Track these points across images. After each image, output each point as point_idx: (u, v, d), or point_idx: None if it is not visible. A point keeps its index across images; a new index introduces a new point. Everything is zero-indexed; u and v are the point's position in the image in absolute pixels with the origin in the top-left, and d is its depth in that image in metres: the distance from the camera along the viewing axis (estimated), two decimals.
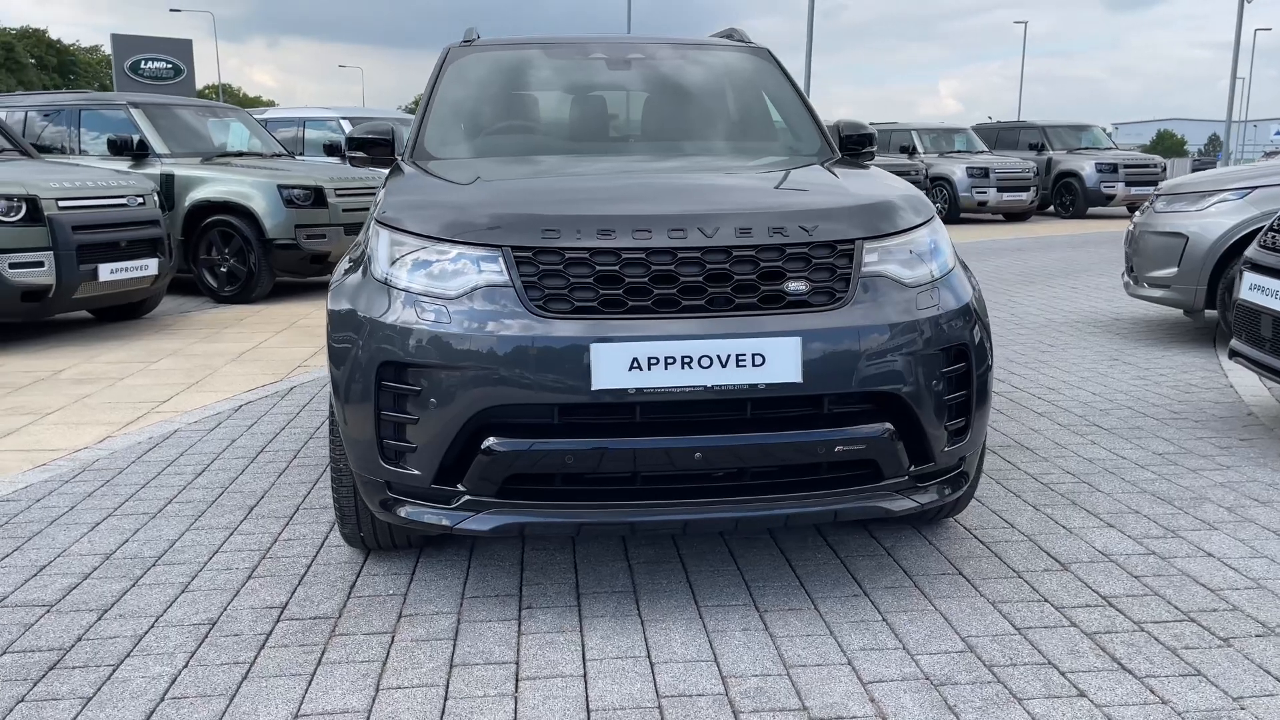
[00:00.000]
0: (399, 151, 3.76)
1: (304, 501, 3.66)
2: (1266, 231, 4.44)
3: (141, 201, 7.38)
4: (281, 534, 3.35)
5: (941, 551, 3.18)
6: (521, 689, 2.37)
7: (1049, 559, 3.11)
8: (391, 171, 3.54)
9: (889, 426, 2.63)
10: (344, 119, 12.80)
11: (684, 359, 2.49)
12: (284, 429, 4.65)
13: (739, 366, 2.51)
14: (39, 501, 3.67)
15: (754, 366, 2.51)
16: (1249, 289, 4.39)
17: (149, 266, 7.32)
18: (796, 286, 2.62)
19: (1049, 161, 21.07)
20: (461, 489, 2.59)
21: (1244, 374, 5.58)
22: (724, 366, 2.50)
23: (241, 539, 3.31)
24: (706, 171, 3.45)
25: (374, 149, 3.76)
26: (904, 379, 2.64)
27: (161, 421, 4.82)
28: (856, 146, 3.97)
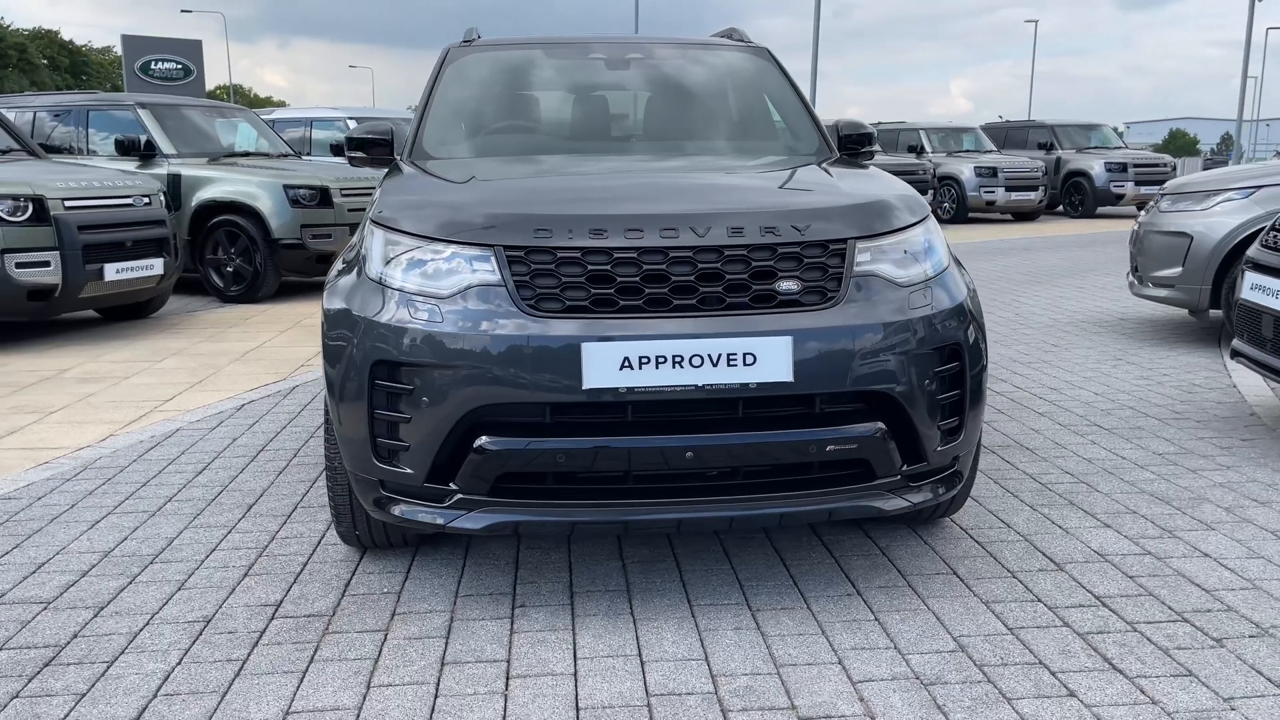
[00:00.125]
0: (398, 151, 3.77)
1: (302, 500, 3.68)
2: (1268, 231, 4.42)
3: (147, 201, 7.42)
4: (279, 532, 3.37)
5: (936, 551, 3.18)
6: (511, 687, 2.38)
7: (1044, 559, 3.11)
8: (389, 171, 3.55)
9: (881, 426, 2.63)
10: (350, 119, 12.84)
11: (675, 358, 2.49)
12: (285, 428, 4.67)
13: (730, 366, 2.51)
14: (40, 500, 3.70)
15: (745, 366, 2.51)
16: (1250, 289, 4.37)
17: (155, 266, 7.36)
18: (788, 286, 2.62)
19: (1058, 161, 20.98)
20: (454, 488, 2.60)
21: (1248, 374, 5.56)
22: (715, 366, 2.50)
23: (239, 537, 3.33)
24: (701, 171, 3.45)
25: (373, 149, 3.77)
26: (896, 378, 2.64)
27: (164, 420, 4.84)
28: (856, 146, 3.96)
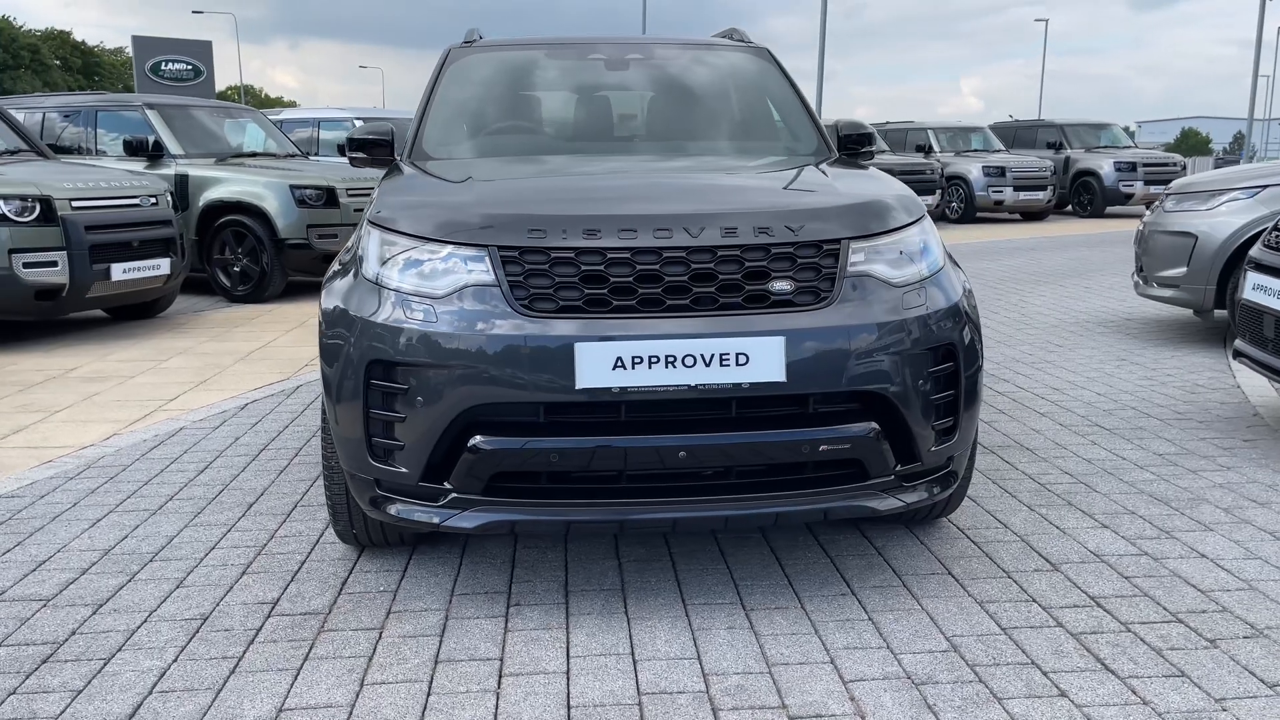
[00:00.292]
0: (398, 152, 3.79)
1: (302, 499, 3.70)
2: (1270, 231, 4.41)
3: (154, 201, 7.46)
4: (278, 531, 3.39)
5: (932, 551, 3.18)
6: (504, 685, 2.39)
7: (1040, 559, 3.10)
8: (388, 172, 3.57)
9: (874, 426, 2.63)
10: (358, 119, 12.89)
11: (668, 358, 2.50)
12: (287, 427, 4.70)
13: (722, 366, 2.52)
14: (43, 498, 3.73)
15: (737, 366, 2.52)
16: (1252, 289, 4.35)
17: (161, 266, 7.40)
18: (781, 286, 2.62)
19: (1067, 160, 20.92)
20: (448, 487, 2.62)
21: (1252, 375, 5.53)
22: (707, 366, 2.51)
23: (239, 535, 3.35)
24: (697, 172, 3.45)
25: (373, 150, 3.79)
26: (890, 378, 2.64)
27: (167, 419, 4.87)
28: (855, 146, 3.96)
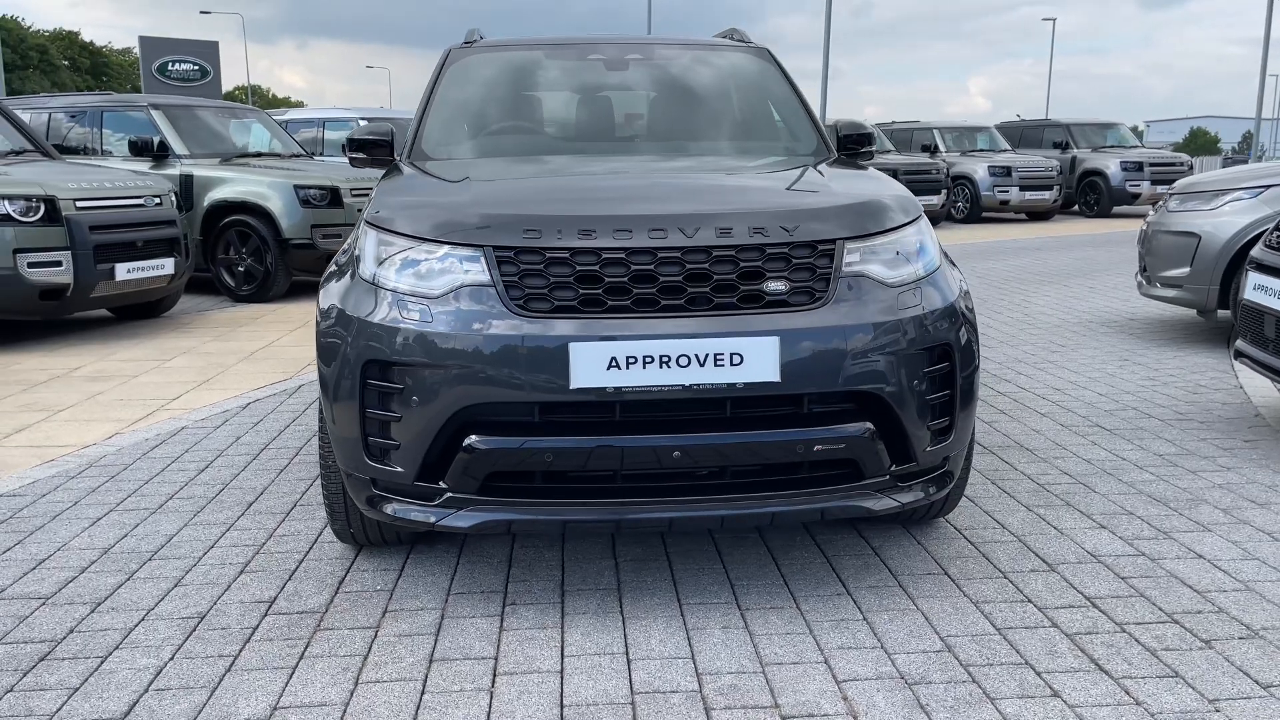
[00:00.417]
0: (398, 152, 3.80)
1: (302, 498, 3.72)
2: (1271, 231, 4.40)
3: (159, 202, 7.49)
4: (277, 530, 3.40)
5: (929, 551, 3.18)
6: (498, 684, 2.40)
7: (1036, 560, 3.10)
8: (386, 172, 3.58)
9: (869, 426, 2.63)
10: (363, 120, 12.92)
11: (662, 358, 2.51)
12: (289, 426, 4.71)
13: (717, 366, 2.52)
14: (44, 497, 3.74)
15: (732, 366, 2.52)
16: (1253, 289, 4.34)
17: (165, 266, 7.43)
18: (776, 286, 2.63)
19: (1073, 160, 20.85)
20: (444, 486, 2.62)
21: (1254, 375, 5.51)
22: (702, 366, 2.52)
23: (238, 534, 3.36)
24: (694, 172, 3.46)
25: (373, 150, 3.79)
26: (885, 378, 2.64)
27: (170, 419, 4.89)
28: (855, 146, 3.96)
